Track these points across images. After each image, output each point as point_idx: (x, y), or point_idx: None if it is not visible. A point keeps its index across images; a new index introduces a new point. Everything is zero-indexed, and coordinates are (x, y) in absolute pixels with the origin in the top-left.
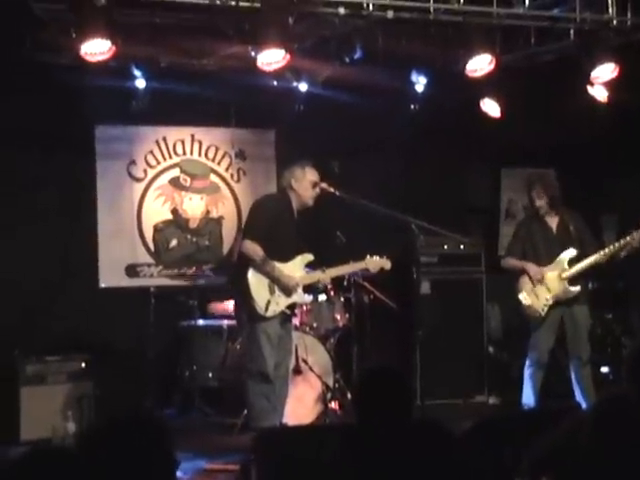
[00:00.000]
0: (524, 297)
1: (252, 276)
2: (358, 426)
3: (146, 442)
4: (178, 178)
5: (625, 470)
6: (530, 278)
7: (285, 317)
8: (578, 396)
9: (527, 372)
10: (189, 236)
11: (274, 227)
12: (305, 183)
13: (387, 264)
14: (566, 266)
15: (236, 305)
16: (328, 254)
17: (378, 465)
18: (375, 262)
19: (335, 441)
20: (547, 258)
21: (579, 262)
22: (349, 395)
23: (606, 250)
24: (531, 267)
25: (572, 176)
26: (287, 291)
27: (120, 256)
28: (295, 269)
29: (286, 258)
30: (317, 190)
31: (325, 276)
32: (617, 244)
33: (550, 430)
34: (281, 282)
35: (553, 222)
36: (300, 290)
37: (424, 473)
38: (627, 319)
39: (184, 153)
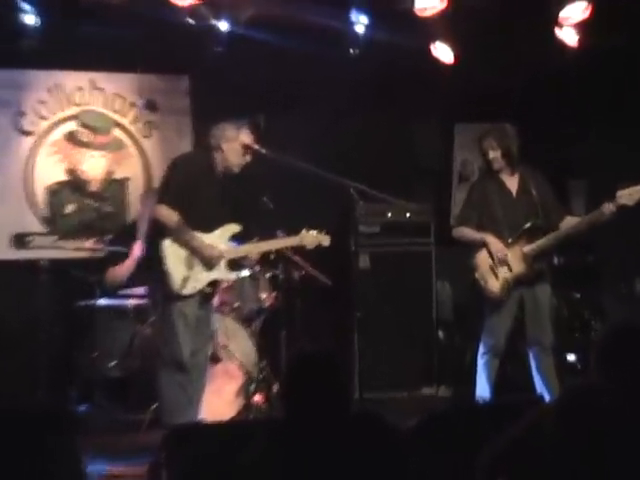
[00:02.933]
0: (481, 276)
1: (167, 247)
2: (286, 422)
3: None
4: (76, 132)
5: (592, 469)
6: (490, 254)
7: (205, 296)
8: (539, 388)
9: (481, 360)
10: (89, 200)
11: (194, 192)
12: (236, 146)
13: (325, 240)
14: (528, 239)
15: (149, 282)
16: (252, 223)
17: (309, 466)
18: (312, 237)
19: (260, 439)
20: (507, 228)
21: (544, 235)
22: (276, 387)
23: (576, 221)
24: (493, 241)
25: (535, 134)
26: (209, 264)
27: (4, 223)
28: (218, 241)
29: (207, 228)
30: (248, 158)
31: (254, 250)
32: (587, 216)
33: (508, 426)
34: (202, 253)
35: (512, 183)
36: (223, 265)
37: (361, 474)
38: (598, 299)
39: (83, 103)
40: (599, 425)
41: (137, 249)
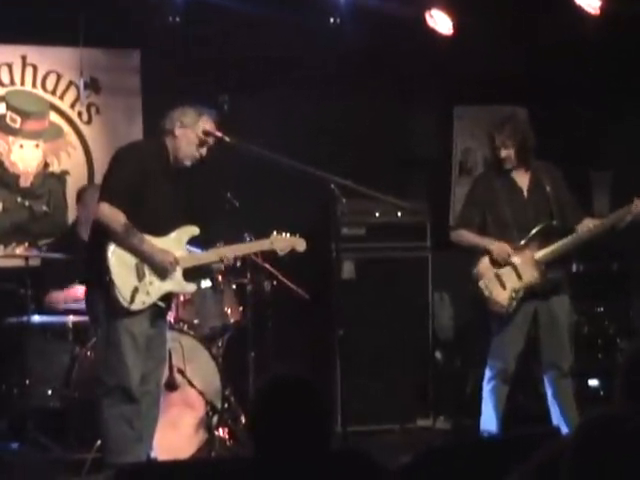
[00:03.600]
0: (485, 286)
1: (113, 253)
2: (254, 460)
3: None
4: (4, 117)
5: None
6: (493, 260)
7: (157, 312)
8: (556, 418)
9: (488, 387)
10: (20, 198)
11: (143, 188)
12: (192, 134)
13: (300, 244)
14: (541, 244)
15: (89, 294)
16: (214, 225)
17: None
18: (284, 241)
19: None
20: (516, 231)
21: (559, 238)
22: (243, 418)
23: (596, 223)
24: (494, 244)
25: (549, 118)
26: (162, 274)
27: None
28: (173, 246)
29: (160, 231)
30: (203, 150)
31: (216, 257)
32: (612, 216)
33: (518, 465)
34: (153, 260)
35: (523, 180)
36: (179, 274)
37: None
38: (624, 313)
39: (12, 82)
40: (623, 462)
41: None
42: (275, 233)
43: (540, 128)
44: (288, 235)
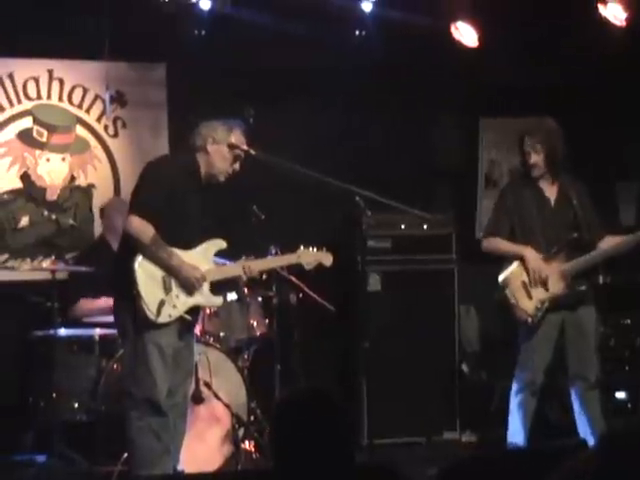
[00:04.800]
0: (511, 294)
1: (140, 266)
2: (278, 474)
3: None
4: (30, 131)
5: None
6: (526, 269)
7: (185, 324)
8: (583, 431)
9: (515, 399)
10: (46, 212)
11: (173, 202)
12: (225, 149)
13: (327, 259)
14: (568, 256)
15: (116, 307)
16: (240, 237)
17: None
18: (311, 255)
19: None
20: (544, 241)
21: (584, 252)
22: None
23: (618, 240)
24: (533, 257)
25: (575, 130)
26: (189, 288)
27: None
28: (200, 259)
29: (188, 244)
30: (237, 166)
31: (242, 270)
32: (638, 234)
33: (546, 477)
34: (181, 274)
35: (550, 191)
36: (206, 288)
37: None
38: None
39: (38, 96)
40: None
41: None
42: (302, 247)
43: (566, 139)
44: (315, 249)
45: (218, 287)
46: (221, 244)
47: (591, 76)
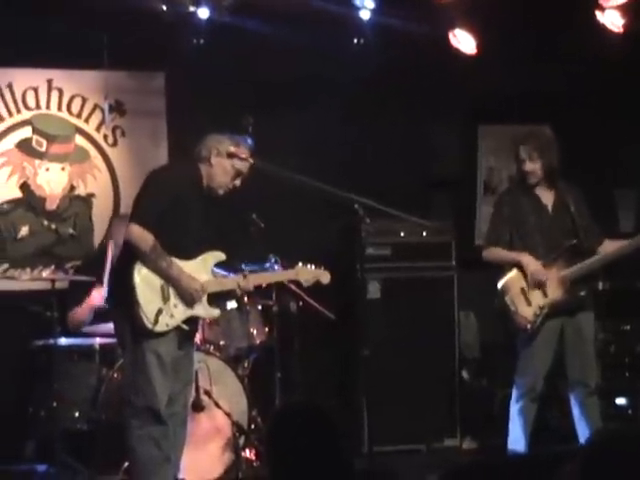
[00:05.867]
0: (510, 301)
1: (139, 274)
2: None
3: None
4: (30, 140)
5: None
6: (524, 275)
7: (184, 334)
8: (583, 436)
9: (516, 406)
10: (46, 222)
11: (176, 211)
12: (228, 164)
13: (325, 277)
14: (567, 262)
15: (115, 315)
16: (239, 246)
17: None
18: (309, 273)
19: None
20: (542, 248)
21: (583, 258)
22: None
23: (616, 246)
24: (531, 262)
25: (573, 136)
26: (187, 299)
27: None
28: (199, 270)
29: (187, 255)
30: (238, 182)
31: (242, 283)
32: (637, 239)
33: None
34: (181, 285)
35: (547, 198)
36: (204, 299)
37: None
38: None
39: (37, 106)
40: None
41: (97, 296)
42: (300, 264)
43: (564, 146)
44: (313, 267)
45: (217, 296)
46: (220, 256)
47: (589, 83)
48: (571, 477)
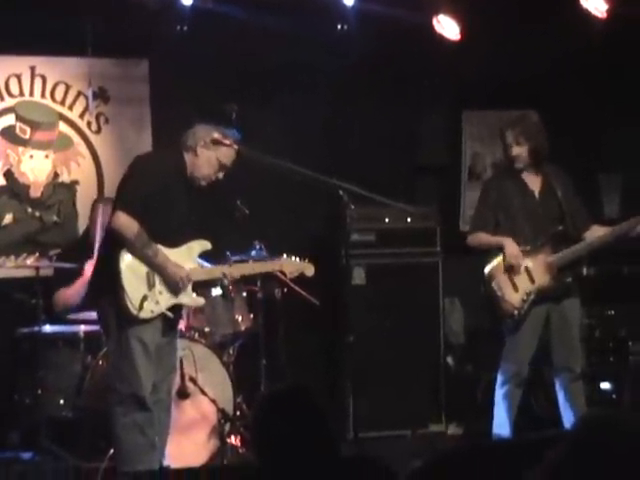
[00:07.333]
0: (497, 287)
1: (124, 261)
2: (261, 468)
3: None
4: (13, 128)
5: None
6: (506, 266)
7: (168, 321)
8: (567, 421)
9: (500, 391)
10: (30, 209)
11: (159, 199)
12: (213, 157)
13: (309, 269)
14: (554, 247)
15: (99, 302)
16: (224, 232)
17: None
18: (294, 265)
19: None
20: (529, 233)
21: (570, 243)
22: None
23: (605, 231)
24: (510, 245)
25: (558, 121)
26: (172, 286)
27: None
28: (184, 258)
29: (172, 243)
30: (220, 175)
31: (226, 273)
32: (623, 225)
33: (531, 469)
34: (166, 273)
35: (534, 183)
36: (189, 287)
37: None
38: (636, 316)
39: (21, 93)
40: (625, 466)
41: (90, 268)
42: (285, 256)
43: (549, 131)
44: (297, 259)
45: (202, 284)
46: (206, 245)
47: (573, 68)
48: (557, 461)
